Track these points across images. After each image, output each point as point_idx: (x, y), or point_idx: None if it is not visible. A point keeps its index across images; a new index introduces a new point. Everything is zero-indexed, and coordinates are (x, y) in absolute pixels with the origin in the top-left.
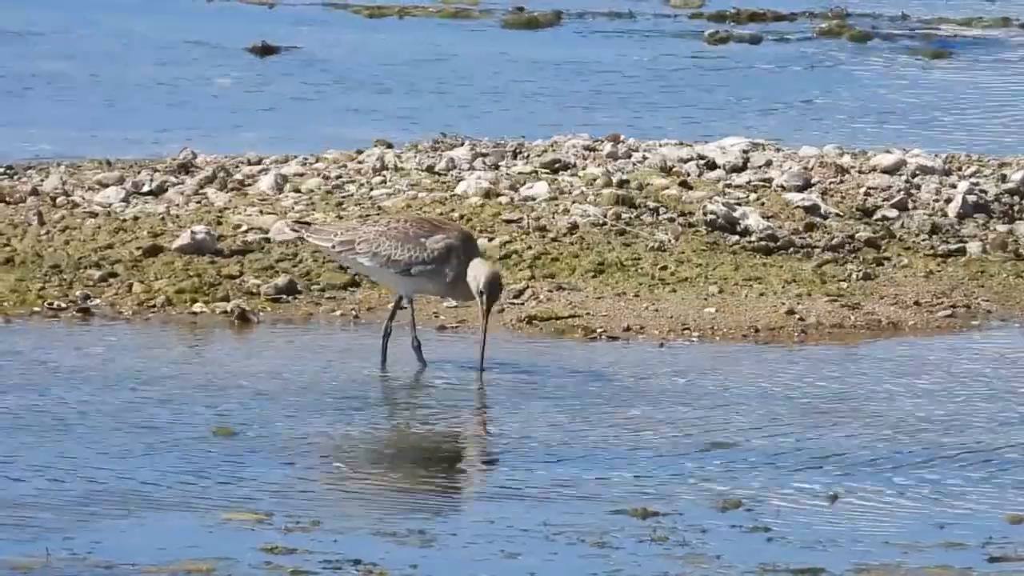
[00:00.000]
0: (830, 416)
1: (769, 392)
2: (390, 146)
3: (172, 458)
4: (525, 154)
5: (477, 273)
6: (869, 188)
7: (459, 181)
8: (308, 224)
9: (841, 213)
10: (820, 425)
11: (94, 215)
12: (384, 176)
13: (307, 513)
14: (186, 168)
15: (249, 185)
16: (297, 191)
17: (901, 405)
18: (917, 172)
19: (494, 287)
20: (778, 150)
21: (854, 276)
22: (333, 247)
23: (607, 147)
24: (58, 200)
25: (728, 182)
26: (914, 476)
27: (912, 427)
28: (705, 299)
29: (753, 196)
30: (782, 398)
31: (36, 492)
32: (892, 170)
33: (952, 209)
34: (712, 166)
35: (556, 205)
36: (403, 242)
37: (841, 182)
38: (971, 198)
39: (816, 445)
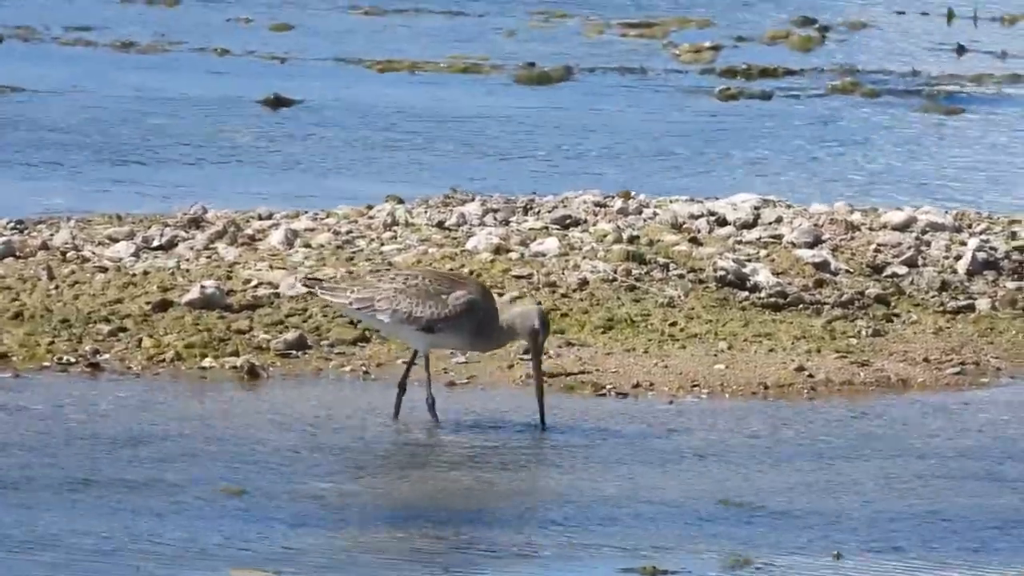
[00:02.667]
0: (841, 474)
1: (779, 450)
2: (401, 201)
3: (181, 515)
4: (536, 210)
5: (524, 315)
6: (879, 245)
7: (469, 237)
8: (320, 280)
9: (851, 270)
10: (832, 483)
11: (104, 270)
12: (395, 232)
13: (316, 570)
14: (196, 223)
15: (259, 240)
16: (308, 246)
17: (912, 464)
18: (927, 229)
19: (545, 323)
20: (789, 207)
21: (863, 333)
22: (350, 304)
23: (618, 203)
24: (68, 255)
25: (739, 238)
26: (927, 535)
27: (930, 483)
28: (715, 355)
29: (763, 252)
30: (792, 456)
31: (43, 548)
32: (902, 227)
33: (962, 266)
34: (723, 222)
35: (566, 261)
36: (424, 299)
37: (851, 239)
38: (981, 255)
39: (825, 503)
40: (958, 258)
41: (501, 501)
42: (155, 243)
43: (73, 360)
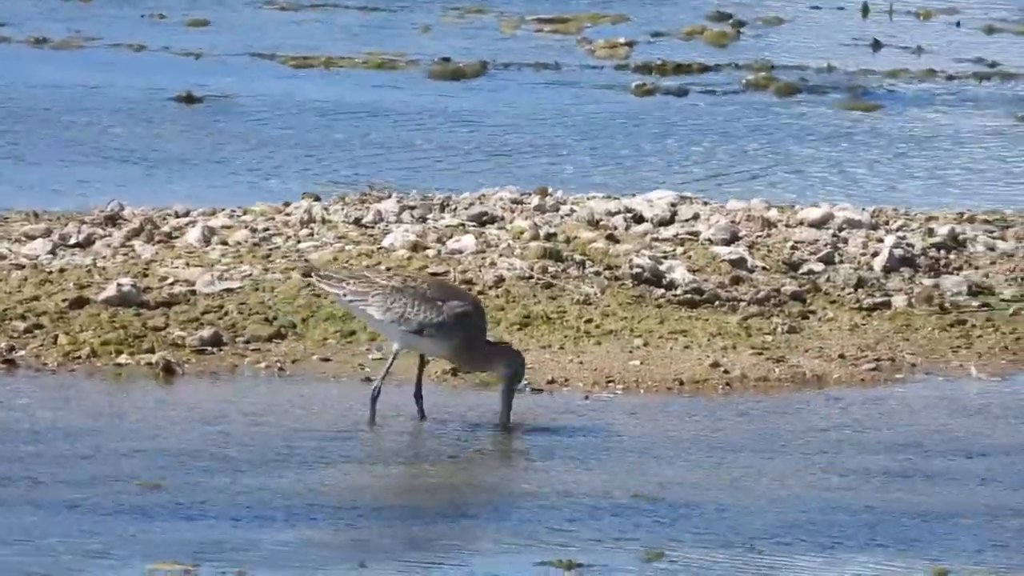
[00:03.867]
0: (755, 469)
1: (692, 444)
2: (317, 199)
3: (98, 510)
4: (452, 207)
5: (507, 361)
6: (796, 242)
7: (386, 234)
8: (317, 270)
9: (767, 267)
10: (744, 477)
11: (20, 267)
12: (312, 229)
13: (233, 565)
14: (113, 220)
15: (176, 237)
16: (224, 244)
17: (828, 458)
18: (844, 226)
19: (520, 374)
20: (705, 203)
21: (779, 329)
22: (344, 295)
23: (534, 200)
24: None
25: (655, 235)
26: (842, 527)
27: (842, 479)
28: (630, 352)
29: (680, 249)
30: (705, 450)
31: None
32: (819, 224)
33: (878, 263)
34: (639, 219)
35: (483, 258)
36: (421, 302)
37: (768, 236)
38: (898, 252)
39: (740, 497)
40: (875, 255)
41: (418, 496)
42: (72, 240)
43: None
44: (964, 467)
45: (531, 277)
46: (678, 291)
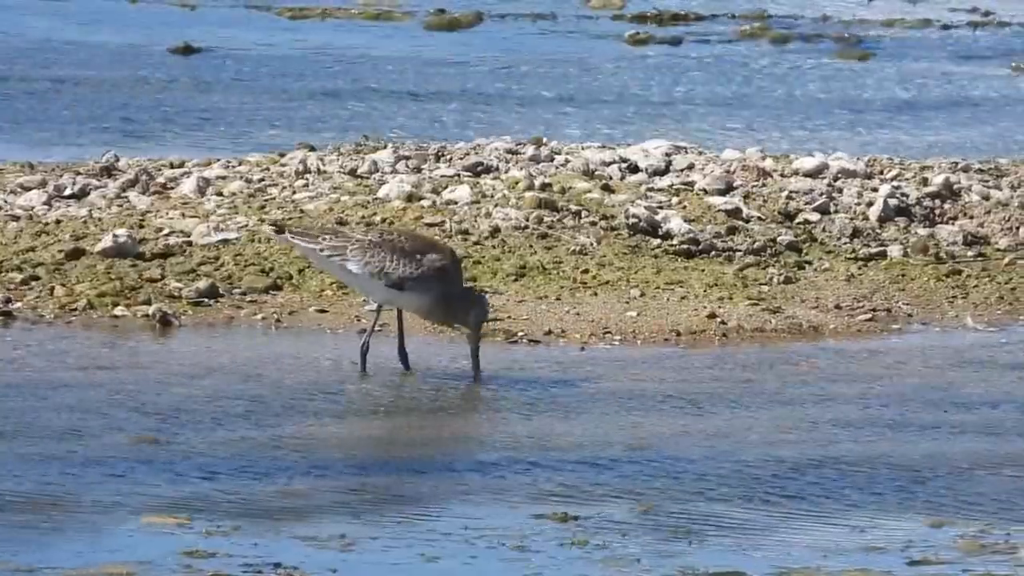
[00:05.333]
0: (750, 420)
1: (689, 396)
2: (313, 149)
3: (92, 463)
4: (448, 157)
5: (474, 311)
6: (791, 192)
7: (382, 184)
8: (289, 226)
9: (763, 217)
10: (740, 429)
11: (16, 218)
12: (307, 179)
13: (228, 517)
14: (109, 171)
15: (171, 188)
16: (220, 194)
17: (825, 410)
18: (839, 176)
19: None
20: (700, 153)
21: (775, 280)
22: (321, 250)
23: (529, 150)
24: None
25: (650, 185)
26: (834, 481)
27: (838, 430)
28: (626, 303)
29: (675, 199)
30: (702, 402)
31: None
32: (814, 174)
33: (873, 213)
34: (634, 169)
35: (478, 209)
36: (399, 256)
37: (763, 186)
38: (892, 202)
39: (736, 449)
40: (870, 205)
41: (413, 448)
42: (67, 192)
43: None
44: (960, 418)
45: (527, 227)
46: (674, 241)
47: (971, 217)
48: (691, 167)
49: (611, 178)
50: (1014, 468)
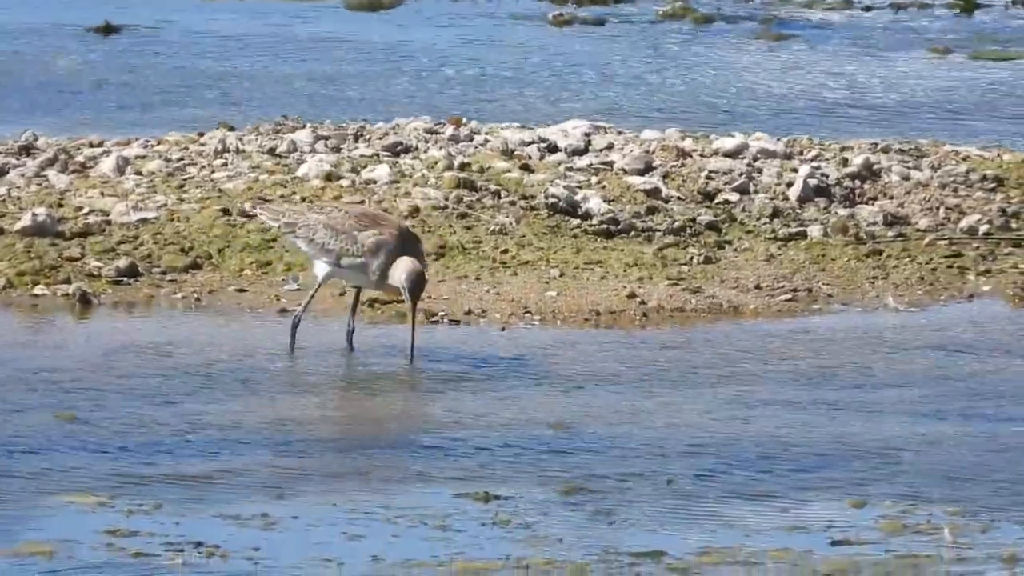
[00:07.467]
0: (669, 401)
1: (609, 376)
2: (232, 128)
3: (12, 441)
4: (367, 137)
5: (401, 270)
6: (711, 172)
7: (300, 164)
8: (267, 202)
9: (683, 197)
10: (661, 410)
11: None
12: (226, 159)
13: (149, 496)
14: (27, 150)
15: (91, 167)
16: (139, 173)
17: (746, 390)
18: (759, 156)
19: (414, 283)
20: (620, 133)
21: (695, 260)
22: (279, 227)
23: (449, 130)
24: None
25: (570, 165)
26: (758, 460)
27: (758, 410)
28: (547, 282)
29: (595, 179)
30: (622, 382)
31: None
32: (734, 154)
33: (793, 193)
34: (554, 149)
35: (397, 188)
36: (338, 233)
37: (683, 166)
38: (812, 182)
39: (657, 429)
40: (789, 185)
41: (334, 427)
42: None
43: None
44: (881, 398)
45: (446, 207)
46: (594, 221)
47: (891, 198)
48: (610, 147)
49: (530, 158)
50: (935, 449)
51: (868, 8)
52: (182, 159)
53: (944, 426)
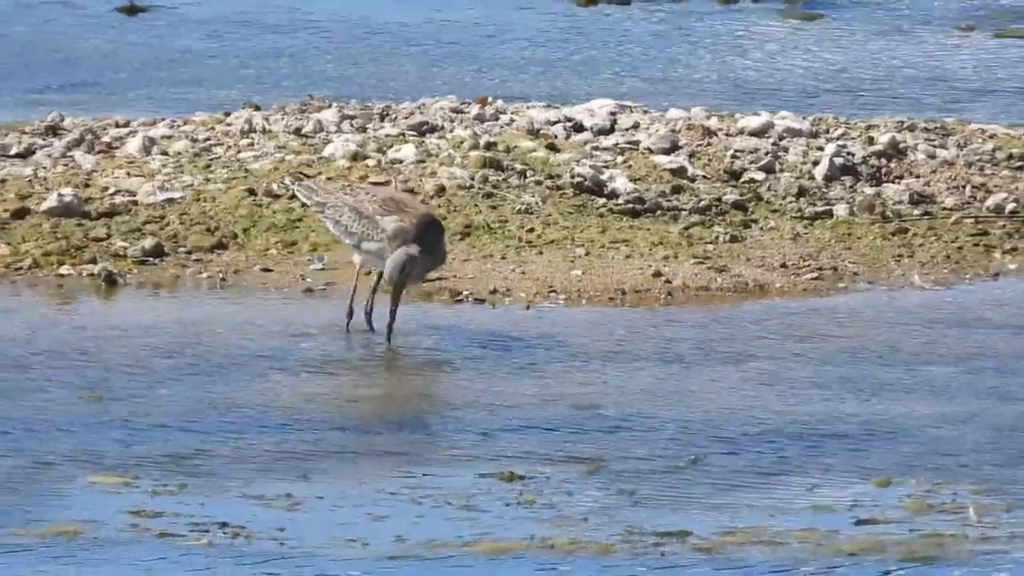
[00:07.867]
0: (695, 380)
1: (634, 355)
2: (257, 108)
3: (38, 422)
4: (392, 116)
5: (391, 259)
6: (736, 151)
7: (327, 144)
8: (306, 178)
9: (708, 176)
10: (686, 389)
11: None
12: (252, 139)
13: (174, 477)
14: (54, 131)
15: (117, 148)
16: (165, 154)
17: (771, 369)
18: (784, 135)
19: (397, 274)
20: (646, 112)
21: (721, 239)
22: (312, 205)
23: (475, 110)
24: None
25: (596, 144)
26: (783, 438)
27: (783, 389)
28: (572, 262)
29: (620, 159)
30: (647, 361)
31: None
32: (759, 132)
33: (819, 172)
34: (579, 128)
35: (423, 168)
36: (361, 217)
37: (708, 145)
38: (838, 160)
39: (682, 408)
40: (815, 164)
41: (358, 407)
42: (12, 151)
43: None
44: (907, 377)
45: (472, 186)
46: (619, 200)
47: (917, 176)
48: (636, 126)
49: (556, 137)
50: (961, 428)
51: None
52: (208, 139)
53: (970, 405)
